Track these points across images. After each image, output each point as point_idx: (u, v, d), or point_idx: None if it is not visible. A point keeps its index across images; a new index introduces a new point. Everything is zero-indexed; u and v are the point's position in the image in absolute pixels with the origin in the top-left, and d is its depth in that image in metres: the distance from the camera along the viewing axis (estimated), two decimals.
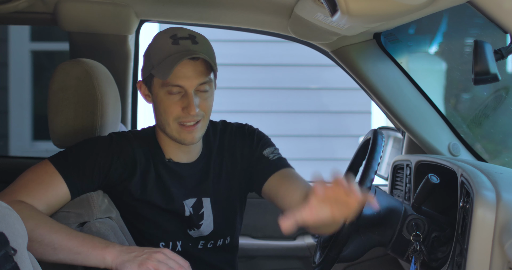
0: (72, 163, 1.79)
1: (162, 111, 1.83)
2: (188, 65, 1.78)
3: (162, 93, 1.81)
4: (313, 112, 5.64)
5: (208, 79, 1.82)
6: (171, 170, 1.90)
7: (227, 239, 1.97)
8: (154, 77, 1.82)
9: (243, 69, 5.53)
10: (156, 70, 1.79)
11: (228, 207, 1.97)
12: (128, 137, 1.90)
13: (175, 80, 1.78)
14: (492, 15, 1.46)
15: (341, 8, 1.50)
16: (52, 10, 2.33)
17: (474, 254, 1.44)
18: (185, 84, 1.78)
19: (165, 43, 1.81)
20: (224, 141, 1.99)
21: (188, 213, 1.90)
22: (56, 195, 1.75)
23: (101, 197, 1.83)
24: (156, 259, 1.59)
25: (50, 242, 1.63)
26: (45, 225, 1.65)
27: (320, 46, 2.43)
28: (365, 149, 1.95)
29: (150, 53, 1.84)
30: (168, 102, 1.81)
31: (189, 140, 1.84)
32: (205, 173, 1.94)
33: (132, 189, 1.85)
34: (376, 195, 1.85)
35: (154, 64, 1.81)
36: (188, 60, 1.78)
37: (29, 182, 1.75)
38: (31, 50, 5.91)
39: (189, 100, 1.79)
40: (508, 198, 1.46)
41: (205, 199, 1.93)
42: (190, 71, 1.78)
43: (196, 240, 1.92)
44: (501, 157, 3.11)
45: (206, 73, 1.81)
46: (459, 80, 3.91)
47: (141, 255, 1.61)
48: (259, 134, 2.05)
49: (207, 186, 1.93)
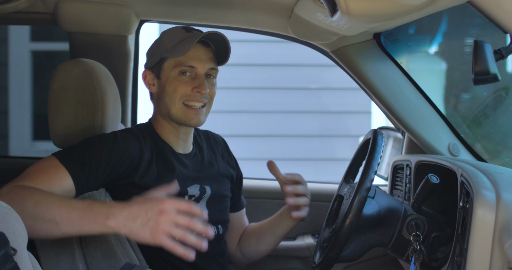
0: (77, 159, 1.80)
1: (171, 91, 1.95)
2: (201, 49, 1.96)
3: (174, 74, 1.95)
4: (313, 112, 5.64)
5: (215, 66, 2.00)
6: (176, 159, 1.98)
7: (220, 229, 2.05)
8: (166, 60, 1.96)
9: (243, 69, 5.53)
10: (171, 52, 1.94)
11: (222, 196, 2.08)
12: (133, 131, 1.95)
13: (189, 61, 1.94)
14: (492, 15, 1.46)
15: (341, 8, 1.50)
16: (52, 10, 2.33)
17: (474, 254, 1.44)
18: (198, 65, 1.94)
19: (178, 31, 1.98)
20: (209, 140, 2.17)
21: (193, 197, 1.97)
22: (60, 184, 1.74)
23: (103, 196, 1.84)
24: (166, 222, 1.55)
25: (52, 217, 1.61)
26: (45, 200, 1.64)
27: (320, 46, 2.43)
28: (365, 149, 1.95)
29: (163, 40, 1.99)
30: (179, 82, 1.94)
31: (195, 121, 1.96)
32: (202, 163, 2.06)
33: (138, 181, 1.88)
34: (376, 195, 1.85)
35: (168, 48, 1.95)
36: (201, 45, 1.95)
37: (33, 173, 1.75)
38: (31, 50, 5.91)
39: (200, 81, 1.94)
40: (508, 198, 1.46)
41: (206, 186, 2.02)
42: (203, 54, 1.96)
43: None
44: (501, 157, 3.11)
45: (214, 61, 1.99)
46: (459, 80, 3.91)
47: (147, 222, 1.56)
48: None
49: (206, 175, 2.04)
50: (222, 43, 1.96)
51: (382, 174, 2.69)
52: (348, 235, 1.71)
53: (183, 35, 1.96)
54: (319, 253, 1.90)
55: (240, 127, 5.50)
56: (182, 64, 1.93)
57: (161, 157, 1.95)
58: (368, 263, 2.61)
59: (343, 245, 1.73)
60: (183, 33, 1.97)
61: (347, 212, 1.72)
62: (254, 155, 5.38)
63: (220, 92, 2.11)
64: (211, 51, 1.98)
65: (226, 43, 1.95)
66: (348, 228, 1.70)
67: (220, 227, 2.05)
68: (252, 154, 5.34)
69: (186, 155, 2.03)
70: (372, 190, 1.84)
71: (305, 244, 2.67)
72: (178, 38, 1.96)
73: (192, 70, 1.94)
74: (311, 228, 2.72)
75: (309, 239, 2.69)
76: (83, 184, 1.78)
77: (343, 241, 1.72)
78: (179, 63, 1.94)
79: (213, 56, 1.98)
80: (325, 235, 1.94)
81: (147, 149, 1.92)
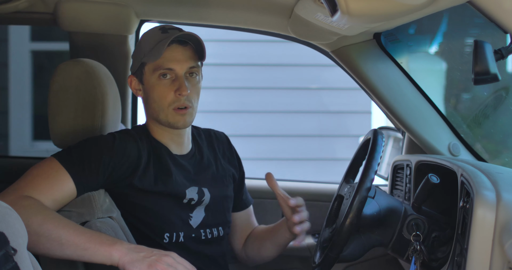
0: (77, 160, 1.80)
1: (156, 97, 1.92)
2: (178, 50, 1.90)
3: (154, 79, 1.91)
4: (313, 112, 5.64)
5: (196, 64, 1.93)
6: (173, 161, 1.96)
7: (220, 231, 2.03)
8: (146, 65, 1.92)
9: (243, 69, 5.53)
10: (148, 56, 1.90)
11: (222, 198, 2.06)
12: (130, 133, 1.94)
13: (166, 64, 1.89)
14: (492, 15, 1.46)
15: (341, 8, 1.50)
16: (52, 10, 2.33)
17: (474, 254, 1.44)
18: (176, 67, 1.89)
19: (155, 33, 1.93)
20: (211, 139, 2.13)
21: (193, 201, 1.96)
22: (62, 190, 1.76)
23: (102, 196, 1.84)
24: (166, 262, 1.60)
25: (57, 237, 1.63)
26: (52, 220, 1.66)
27: (320, 46, 2.43)
28: (365, 149, 1.95)
29: (141, 44, 1.95)
30: (161, 87, 1.90)
31: (182, 122, 1.93)
32: (200, 164, 2.03)
33: (137, 182, 1.88)
34: (376, 195, 1.85)
35: (145, 52, 1.91)
36: (178, 45, 1.90)
37: (35, 178, 1.76)
38: (31, 50, 5.91)
39: (180, 82, 1.89)
40: (508, 198, 1.46)
41: (204, 189, 2.00)
42: (180, 55, 1.90)
43: (196, 230, 1.97)
44: (501, 157, 3.11)
45: (195, 58, 1.93)
46: (459, 80, 3.91)
47: (150, 256, 1.61)
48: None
49: (204, 176, 2.02)
50: (197, 42, 1.91)
51: (382, 174, 2.69)
52: (348, 235, 1.71)
53: (159, 37, 1.91)
54: (319, 253, 1.90)
55: (240, 127, 5.50)
56: (160, 67, 1.89)
57: (158, 159, 1.94)
58: (368, 263, 2.60)
59: (343, 245, 1.73)
60: (159, 35, 1.92)
61: (347, 212, 1.72)
62: (254, 155, 5.38)
63: (220, 92, 2.11)
64: (189, 48, 1.92)
65: (199, 42, 1.90)
66: (348, 228, 1.70)
67: (220, 229, 2.04)
68: (252, 154, 5.33)
69: (183, 156, 2.01)
70: (372, 190, 1.84)
71: (305, 244, 2.67)
72: (155, 39, 1.91)
73: (171, 72, 1.90)
74: (311, 228, 2.71)
75: (309, 239, 2.69)
76: (83, 185, 1.79)
77: (343, 241, 1.72)
78: (157, 67, 1.89)
79: (192, 53, 1.92)
80: (325, 235, 1.94)
81: (144, 151, 1.91)
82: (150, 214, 1.91)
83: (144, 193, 1.90)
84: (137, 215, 1.91)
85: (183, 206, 1.95)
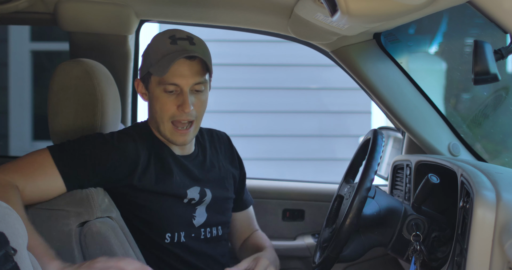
0: (68, 153, 1.81)
1: (158, 109, 1.90)
2: (184, 64, 1.85)
3: (158, 91, 1.89)
4: (313, 112, 5.63)
5: (203, 79, 1.89)
6: (175, 161, 1.96)
7: (219, 230, 2.04)
8: (152, 75, 1.89)
9: (243, 69, 5.53)
10: (154, 68, 1.87)
11: (223, 199, 2.06)
12: (129, 132, 1.94)
13: (171, 78, 1.85)
14: (492, 15, 1.46)
15: (341, 8, 1.50)
16: (52, 10, 2.33)
17: (474, 254, 1.44)
18: (181, 82, 1.86)
19: (163, 43, 1.88)
20: (213, 139, 2.13)
21: (193, 201, 1.96)
22: (45, 179, 1.77)
23: (101, 196, 1.83)
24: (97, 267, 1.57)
25: None
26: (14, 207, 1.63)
27: (320, 46, 2.43)
28: (365, 149, 1.95)
29: (149, 52, 1.92)
30: (164, 100, 1.88)
31: (181, 141, 1.93)
32: (203, 165, 2.03)
33: (137, 183, 1.88)
34: (376, 195, 1.85)
35: (152, 63, 1.88)
36: (185, 60, 1.85)
37: (22, 161, 1.79)
38: (31, 50, 5.91)
39: (184, 98, 1.86)
40: (508, 198, 1.46)
41: (206, 189, 2.00)
42: (187, 70, 1.86)
43: (198, 230, 1.98)
44: (501, 157, 3.10)
45: (202, 73, 1.88)
46: (459, 80, 3.91)
47: (82, 265, 1.59)
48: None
49: (207, 177, 2.02)
50: (205, 56, 1.87)
51: (382, 174, 2.69)
52: (348, 235, 1.71)
53: (167, 49, 1.86)
54: (319, 253, 1.90)
55: (240, 127, 5.50)
56: (165, 82, 1.86)
57: (159, 159, 1.94)
58: (368, 263, 2.61)
59: (343, 245, 1.73)
60: (167, 45, 1.87)
61: (347, 212, 1.72)
62: (254, 155, 5.38)
63: (220, 92, 2.11)
64: (197, 63, 1.87)
65: (207, 58, 1.87)
66: (348, 228, 1.70)
67: (220, 228, 2.05)
68: (252, 154, 5.33)
69: (186, 156, 2.01)
70: (372, 190, 1.84)
71: (305, 244, 2.67)
72: (163, 51, 1.87)
73: (177, 87, 1.87)
74: (311, 228, 2.72)
75: (309, 239, 2.69)
76: (72, 179, 1.79)
77: (343, 241, 1.72)
78: (162, 81, 1.87)
79: (199, 68, 1.87)
80: (325, 235, 1.94)
81: (144, 151, 1.91)
82: (151, 213, 1.91)
83: (144, 193, 1.90)
84: (138, 215, 1.91)
85: (185, 206, 1.95)
